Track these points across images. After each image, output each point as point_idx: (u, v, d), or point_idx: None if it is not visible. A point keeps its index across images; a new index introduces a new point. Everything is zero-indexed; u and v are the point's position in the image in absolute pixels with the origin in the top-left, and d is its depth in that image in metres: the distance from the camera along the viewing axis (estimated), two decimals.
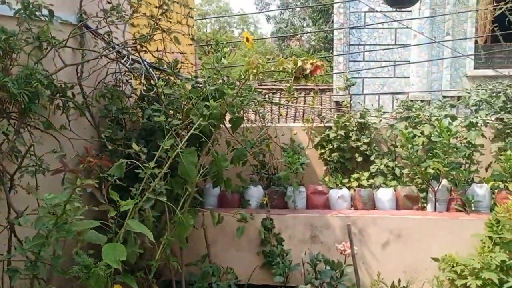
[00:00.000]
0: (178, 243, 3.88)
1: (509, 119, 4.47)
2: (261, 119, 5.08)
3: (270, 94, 12.64)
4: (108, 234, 3.20)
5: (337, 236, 4.19)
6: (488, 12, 11.51)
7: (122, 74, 4.35)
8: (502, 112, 4.73)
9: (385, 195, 4.35)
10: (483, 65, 12.14)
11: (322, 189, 4.54)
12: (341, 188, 4.61)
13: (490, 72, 11.64)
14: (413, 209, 4.35)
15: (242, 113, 4.22)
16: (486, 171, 4.81)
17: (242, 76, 3.88)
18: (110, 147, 3.71)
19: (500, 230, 3.88)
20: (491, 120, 4.63)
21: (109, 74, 4.17)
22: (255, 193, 4.55)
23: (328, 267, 3.68)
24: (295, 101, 11.56)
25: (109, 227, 3.29)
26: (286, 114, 9.24)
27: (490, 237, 3.90)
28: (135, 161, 3.45)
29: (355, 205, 4.45)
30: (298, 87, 13.77)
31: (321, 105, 12.93)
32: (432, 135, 4.37)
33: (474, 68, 12.26)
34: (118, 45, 4.07)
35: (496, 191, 4.46)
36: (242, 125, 4.24)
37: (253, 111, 4.88)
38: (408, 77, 12.43)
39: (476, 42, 12.31)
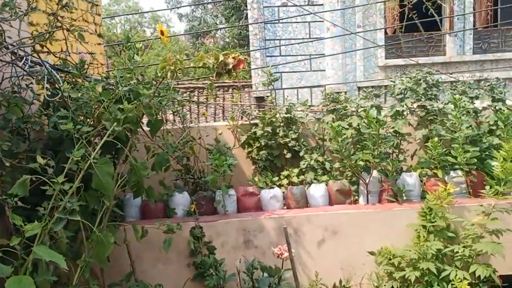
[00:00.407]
0: (98, 263, 3.48)
1: (431, 106, 4.55)
2: (182, 120, 4.77)
3: (188, 93, 12.30)
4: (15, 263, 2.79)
5: (272, 239, 4.00)
6: (395, 3, 12.05)
7: (20, 78, 3.83)
8: (424, 99, 4.82)
9: (317, 191, 4.23)
10: (393, 55, 12.66)
11: (253, 190, 4.33)
12: (272, 188, 4.42)
13: (400, 61, 12.17)
14: (346, 203, 4.27)
15: (161, 114, 3.89)
16: (412, 159, 4.87)
17: (159, 74, 3.55)
18: (8, 163, 3.22)
19: (433, 218, 3.90)
20: (413, 108, 4.70)
21: (5, 79, 3.66)
22: (181, 200, 4.23)
23: (265, 274, 3.48)
24: (215, 99, 11.30)
25: (16, 254, 2.86)
26: (205, 113, 8.90)
27: (424, 226, 3.92)
28: (41, 176, 3.02)
29: (288, 204, 4.29)
30: (217, 84, 13.54)
31: (241, 102, 12.82)
32: (361, 126, 4.33)
33: (386, 58, 12.75)
34: (12, 45, 3.56)
35: (424, 178, 4.53)
36: (162, 128, 3.92)
37: (173, 112, 4.55)
38: (324, 70, 12.64)
39: (386, 33, 12.80)
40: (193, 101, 4.86)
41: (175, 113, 4.86)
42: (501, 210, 3.58)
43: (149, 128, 3.68)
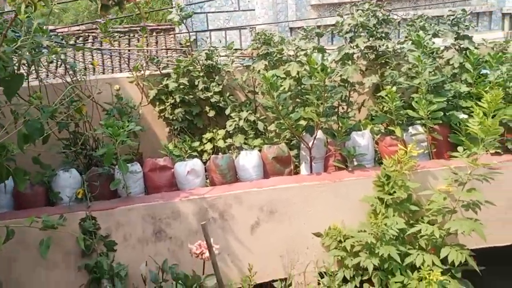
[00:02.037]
0: None
1: (385, 46, 3.82)
2: (69, 72, 3.75)
3: (80, 38, 10.72)
4: None
5: (191, 226, 3.19)
6: None
7: None
8: (373, 39, 4.08)
9: (248, 161, 3.42)
10: None
11: (164, 163, 3.44)
12: (191, 158, 3.59)
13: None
14: (285, 174, 3.52)
15: (21, 67, 2.88)
16: (359, 112, 4.20)
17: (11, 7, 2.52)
18: None
19: (392, 189, 3.26)
20: (365, 50, 3.95)
21: None
22: (68, 181, 3.25)
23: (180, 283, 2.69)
24: (116, 44, 9.77)
25: None
26: (95, 63, 7.28)
27: (381, 199, 3.28)
28: None
29: (212, 179, 3.45)
30: (133, 28, 12.18)
31: (166, 48, 11.61)
32: (301, 76, 3.54)
33: None
34: None
35: (376, 137, 3.88)
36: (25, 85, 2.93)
37: (48, 63, 3.52)
38: (254, 10, 11.72)
39: None
40: (71, 46, 3.81)
41: (61, 65, 3.83)
42: (479, 178, 3.00)
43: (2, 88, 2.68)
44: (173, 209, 3.14)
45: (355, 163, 3.52)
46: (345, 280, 3.25)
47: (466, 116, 3.57)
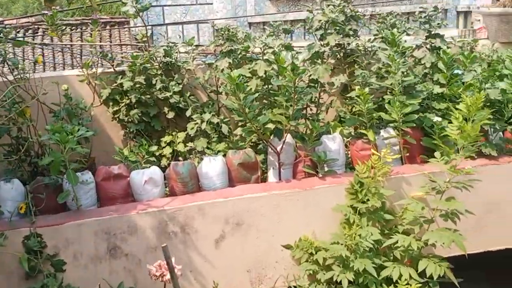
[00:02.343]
0: None
1: (356, 44, 3.65)
2: (11, 70, 3.39)
3: (29, 32, 10.09)
4: None
5: (150, 242, 2.91)
6: None
7: None
8: (341, 36, 3.90)
9: (213, 167, 3.16)
10: None
11: (119, 171, 3.13)
12: (148, 165, 3.32)
13: None
14: (252, 181, 3.29)
15: None
16: (327, 113, 4.03)
17: None
18: None
19: (365, 196, 3.11)
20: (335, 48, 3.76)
21: None
22: (9, 193, 2.89)
23: None
24: (68, 38, 9.21)
25: None
26: (39, 60, 6.81)
27: (355, 208, 3.12)
28: None
29: (171, 188, 3.15)
30: (85, 21, 11.63)
31: (121, 43, 11.13)
32: (269, 76, 3.32)
33: None
34: None
35: (348, 141, 3.71)
36: None
37: None
38: (212, 4, 11.43)
39: None
40: (10, 40, 3.42)
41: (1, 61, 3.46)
42: (458, 186, 2.87)
43: None
44: (129, 223, 2.85)
45: (326, 169, 3.34)
46: None
47: (440, 119, 3.46)
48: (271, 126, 3.19)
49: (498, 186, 3.36)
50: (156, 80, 3.74)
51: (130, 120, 3.76)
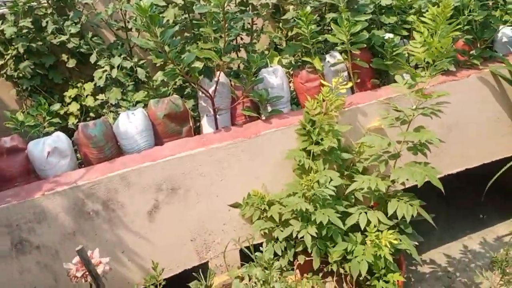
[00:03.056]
0: None
1: None
2: None
3: None
4: None
5: (66, 227, 2.36)
6: None
7: None
8: None
9: (132, 124, 2.56)
10: None
11: (13, 143, 2.45)
12: (50, 132, 2.69)
13: None
14: (184, 134, 2.76)
15: None
16: (258, 41, 3.52)
17: None
18: None
19: (319, 136, 2.72)
20: None
21: None
22: None
23: None
24: None
25: None
26: None
27: (308, 151, 2.74)
28: None
29: (84, 156, 2.56)
30: None
31: None
32: (190, 1, 2.72)
33: None
34: None
35: (290, 71, 3.24)
36: None
37: None
38: None
39: None
40: None
41: None
42: (426, 113, 2.51)
43: None
44: (35, 209, 2.28)
45: (269, 109, 2.89)
46: (276, 254, 2.72)
47: (391, 35, 3.06)
48: (198, 64, 2.65)
49: (458, 105, 3.08)
50: (47, 22, 3.04)
51: (21, 75, 3.07)
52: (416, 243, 2.59)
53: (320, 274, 2.70)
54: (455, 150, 3.21)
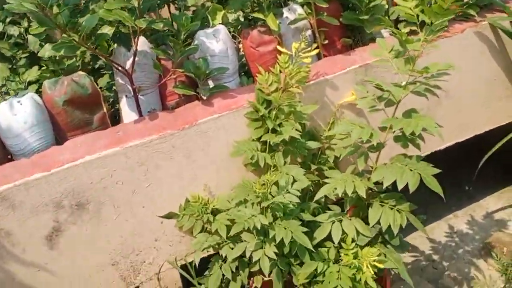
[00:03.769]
0: None
1: None
2: None
3: None
4: None
5: None
6: None
7: None
8: None
9: (20, 117, 1.90)
10: None
11: None
12: None
13: None
14: (95, 124, 2.05)
15: None
16: None
17: None
18: None
19: (276, 121, 2.10)
20: None
21: None
22: None
23: None
24: None
25: None
26: None
27: (264, 142, 2.12)
28: None
29: None
30: None
31: None
32: None
33: None
34: None
35: (236, 33, 2.56)
36: None
37: None
38: None
39: None
40: None
41: None
42: (419, 90, 1.83)
43: None
44: None
45: (211, 85, 2.24)
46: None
47: None
48: (108, 30, 1.96)
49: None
50: None
51: None
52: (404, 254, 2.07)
53: None
54: (445, 123, 2.66)
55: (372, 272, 1.86)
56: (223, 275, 2.06)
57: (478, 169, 2.98)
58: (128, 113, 2.14)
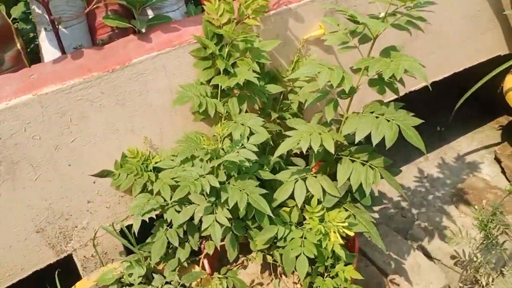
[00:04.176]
0: None
1: None
2: None
3: None
4: None
5: None
6: None
7: None
8: None
9: None
10: None
11: None
12: None
13: None
14: (7, 65, 1.70)
15: None
16: None
17: None
18: None
19: (229, 59, 1.76)
20: None
21: None
22: None
23: None
24: None
25: None
26: None
27: (216, 86, 1.78)
28: None
29: None
30: None
31: None
32: None
33: None
34: None
35: None
36: None
37: None
38: None
39: None
40: None
41: None
42: (401, 24, 1.51)
43: None
44: None
45: (150, 15, 1.87)
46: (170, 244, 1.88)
47: None
48: None
49: None
50: None
51: None
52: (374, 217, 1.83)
53: (238, 266, 1.92)
54: (422, 60, 2.38)
55: (340, 239, 1.62)
56: (169, 242, 1.80)
57: (454, 111, 2.78)
58: (48, 51, 1.76)
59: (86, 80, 1.57)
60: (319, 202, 1.68)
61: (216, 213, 1.63)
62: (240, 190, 1.59)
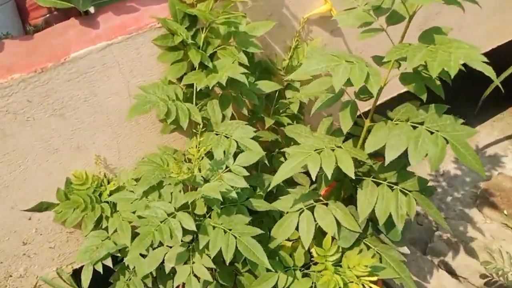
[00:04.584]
0: None
1: None
2: None
3: None
4: None
5: None
6: None
7: None
8: None
9: None
10: None
11: None
12: None
13: None
14: None
15: None
16: None
17: None
18: None
19: (206, 49, 1.33)
20: None
21: None
22: None
23: None
24: None
25: None
26: None
27: (189, 86, 1.34)
28: None
29: None
30: None
31: None
32: None
33: None
34: None
35: None
36: None
37: None
38: None
39: None
40: None
41: None
42: None
43: None
44: None
45: None
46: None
47: None
48: None
49: None
50: None
51: None
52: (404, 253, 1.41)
53: None
54: None
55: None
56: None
57: (481, 100, 2.38)
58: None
59: (5, 86, 1.12)
60: (332, 239, 1.27)
61: (193, 262, 1.20)
62: (226, 232, 1.17)
